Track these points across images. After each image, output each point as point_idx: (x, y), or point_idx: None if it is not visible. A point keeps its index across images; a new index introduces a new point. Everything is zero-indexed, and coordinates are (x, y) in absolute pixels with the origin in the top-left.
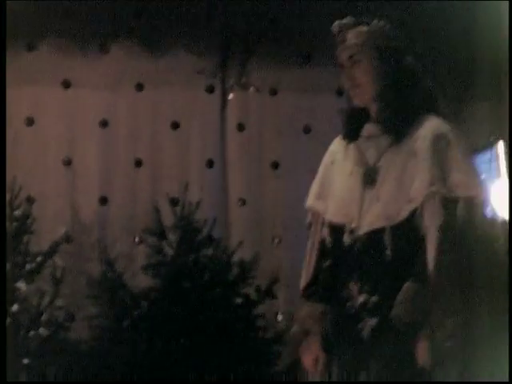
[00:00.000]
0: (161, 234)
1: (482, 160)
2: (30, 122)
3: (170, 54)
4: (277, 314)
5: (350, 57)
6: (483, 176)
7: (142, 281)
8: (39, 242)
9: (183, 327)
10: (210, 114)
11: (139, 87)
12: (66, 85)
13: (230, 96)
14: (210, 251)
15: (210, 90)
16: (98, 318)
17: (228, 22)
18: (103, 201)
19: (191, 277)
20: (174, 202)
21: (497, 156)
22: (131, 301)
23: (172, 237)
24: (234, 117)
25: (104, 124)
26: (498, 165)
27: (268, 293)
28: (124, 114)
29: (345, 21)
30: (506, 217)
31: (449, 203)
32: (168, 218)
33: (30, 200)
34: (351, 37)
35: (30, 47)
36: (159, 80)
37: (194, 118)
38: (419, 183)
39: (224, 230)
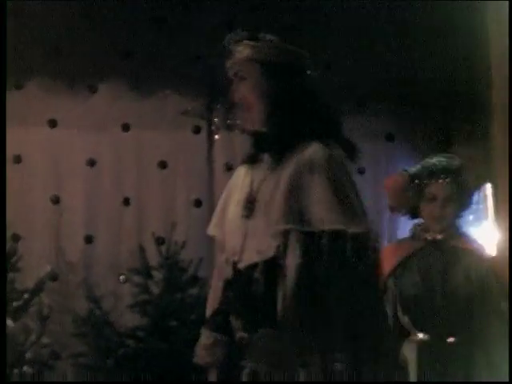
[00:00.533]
0: (146, 273)
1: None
2: (17, 159)
3: (157, 95)
4: None
5: (235, 73)
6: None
7: (128, 319)
8: (25, 280)
9: (169, 366)
10: (197, 154)
11: (125, 127)
12: (53, 124)
13: (217, 137)
14: (195, 290)
15: (197, 130)
16: (84, 356)
17: (216, 64)
18: (89, 239)
19: (177, 315)
20: (160, 242)
21: (485, 197)
22: (117, 339)
23: (158, 276)
24: (222, 157)
25: (91, 163)
26: (486, 206)
27: None
28: (111, 154)
29: (235, 34)
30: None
31: (309, 239)
32: (154, 257)
33: (15, 238)
34: (238, 51)
35: (18, 86)
36: (146, 120)
37: (181, 158)
38: (276, 218)
39: (210, 269)
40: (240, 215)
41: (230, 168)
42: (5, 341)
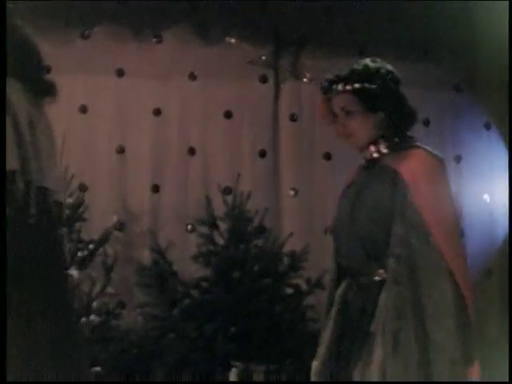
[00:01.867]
0: (212, 224)
1: None
2: (83, 109)
3: (224, 44)
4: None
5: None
6: None
7: (192, 270)
8: (91, 230)
9: (232, 316)
10: (263, 104)
11: (192, 77)
12: (120, 73)
13: (284, 86)
14: (260, 241)
15: (264, 79)
16: (149, 307)
17: (282, 10)
18: (155, 189)
19: (242, 267)
20: (225, 192)
21: None
22: (182, 289)
23: (223, 226)
24: (287, 107)
25: (157, 113)
26: None
27: (318, 284)
28: (177, 103)
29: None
30: None
31: None
32: (219, 208)
33: (82, 188)
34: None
35: (84, 35)
36: (212, 69)
37: (246, 108)
38: None
39: (275, 220)
40: None
41: (295, 119)
42: (5, 341)
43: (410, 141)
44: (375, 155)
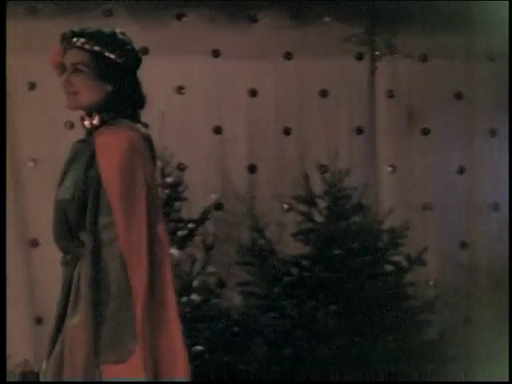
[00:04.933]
0: (311, 201)
1: None
2: (179, 89)
3: (319, 23)
4: (427, 282)
5: None
6: None
7: (292, 248)
8: (190, 210)
9: (332, 294)
10: (359, 82)
11: (288, 56)
12: (216, 54)
13: (380, 63)
14: (359, 218)
15: (360, 57)
16: (249, 285)
17: None
18: (252, 168)
19: (341, 244)
20: (322, 170)
21: None
22: (281, 267)
23: (322, 204)
24: (384, 84)
25: (253, 93)
26: None
27: (418, 260)
28: (272, 83)
29: None
30: None
31: None
32: (317, 186)
33: (181, 167)
34: None
35: (180, 16)
36: (307, 49)
37: (342, 86)
38: None
39: (374, 197)
40: None
41: (391, 95)
42: (5, 340)
43: (124, 117)
44: (87, 126)
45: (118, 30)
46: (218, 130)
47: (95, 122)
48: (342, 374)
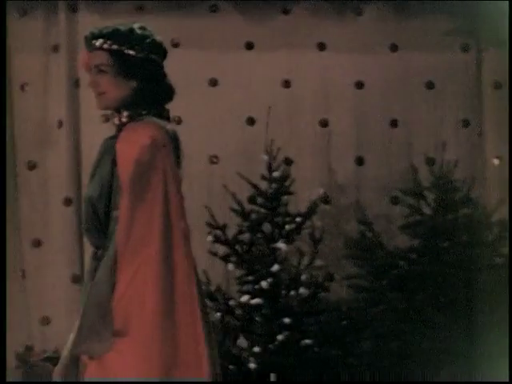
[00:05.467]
0: (419, 194)
1: None
2: (287, 84)
3: (423, 15)
4: None
5: None
6: None
7: (399, 240)
8: (298, 203)
9: (441, 287)
10: (465, 73)
11: (393, 48)
12: (322, 47)
13: (486, 54)
14: (468, 211)
15: (465, 48)
16: (357, 278)
17: None
18: (360, 161)
19: (450, 236)
20: (429, 162)
21: None
22: (389, 260)
23: (430, 196)
24: (490, 75)
25: (359, 85)
26: None
27: None
28: (378, 75)
29: None
30: None
31: None
32: (424, 178)
33: (288, 162)
34: None
35: (286, 11)
36: (413, 41)
37: (448, 78)
38: None
39: (482, 189)
40: None
41: (498, 86)
42: (5, 340)
43: (152, 112)
44: (117, 122)
45: (136, 25)
46: (324, 123)
47: (123, 118)
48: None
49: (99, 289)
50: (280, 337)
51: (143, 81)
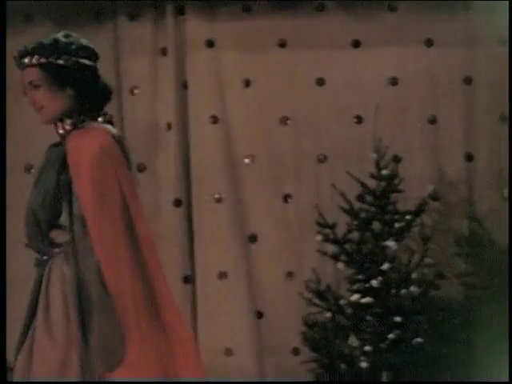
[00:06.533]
0: None
1: None
2: (394, 81)
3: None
4: None
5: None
6: None
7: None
8: (407, 201)
9: None
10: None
11: (429, 43)
12: (429, 44)
13: None
14: None
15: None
16: (468, 276)
17: None
18: (469, 157)
19: None
20: None
21: None
22: (501, 257)
23: None
24: None
25: (467, 81)
26: None
27: None
28: (486, 71)
29: None
30: None
31: None
32: None
33: (396, 159)
34: None
35: (392, 8)
36: (448, 37)
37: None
38: None
39: None
40: None
41: None
42: (5, 339)
43: (94, 118)
44: (61, 131)
45: (60, 34)
46: (432, 120)
47: (67, 126)
48: None
49: (99, 307)
50: (391, 335)
51: (78, 87)
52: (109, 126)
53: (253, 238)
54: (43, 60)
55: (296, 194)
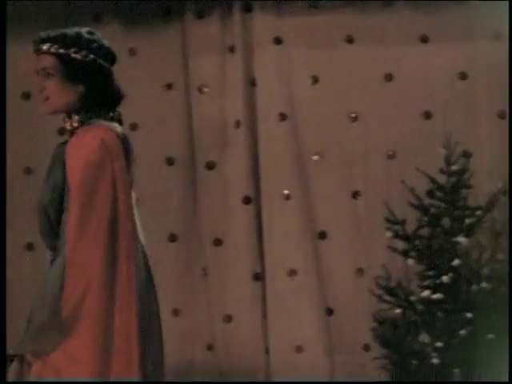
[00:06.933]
0: None
1: None
2: (463, 76)
3: None
4: None
5: None
6: None
7: None
8: (477, 196)
9: None
10: None
11: (498, 37)
12: (497, 37)
13: None
14: None
15: None
16: None
17: None
18: None
19: None
20: None
21: None
22: None
23: None
24: None
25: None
26: None
27: None
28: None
29: None
30: None
31: None
32: None
33: (466, 155)
34: None
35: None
36: None
37: None
38: None
39: None
40: None
41: None
42: (5, 339)
43: (102, 116)
44: (68, 128)
45: (84, 30)
46: (502, 115)
47: (74, 123)
48: None
49: (49, 289)
50: (462, 332)
51: (90, 86)
52: (115, 124)
53: (322, 235)
54: (62, 51)
55: (365, 190)
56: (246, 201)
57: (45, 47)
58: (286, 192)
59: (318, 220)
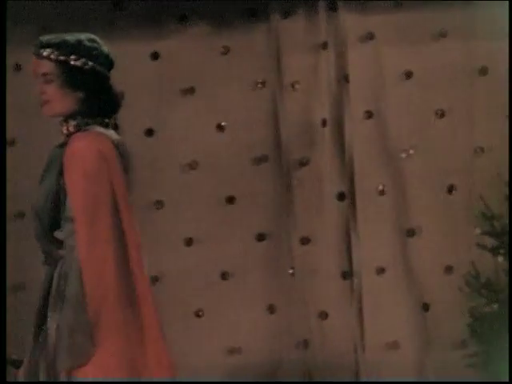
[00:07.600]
0: None
1: None
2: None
3: None
4: None
5: None
6: None
7: None
8: None
9: None
10: None
11: None
12: None
13: None
14: None
15: None
16: None
17: None
18: None
19: None
20: None
21: None
22: None
23: None
24: None
25: None
26: None
27: None
28: None
29: None
30: None
31: None
32: None
33: None
34: None
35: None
36: None
37: None
38: None
39: None
40: None
41: None
42: (5, 340)
43: (98, 122)
44: (64, 132)
45: (84, 37)
46: None
47: (71, 128)
48: None
49: (74, 305)
50: None
51: (89, 92)
52: (111, 131)
53: (411, 232)
54: (62, 57)
55: (460, 185)
56: (341, 198)
57: (45, 53)
58: (380, 187)
59: (411, 216)
